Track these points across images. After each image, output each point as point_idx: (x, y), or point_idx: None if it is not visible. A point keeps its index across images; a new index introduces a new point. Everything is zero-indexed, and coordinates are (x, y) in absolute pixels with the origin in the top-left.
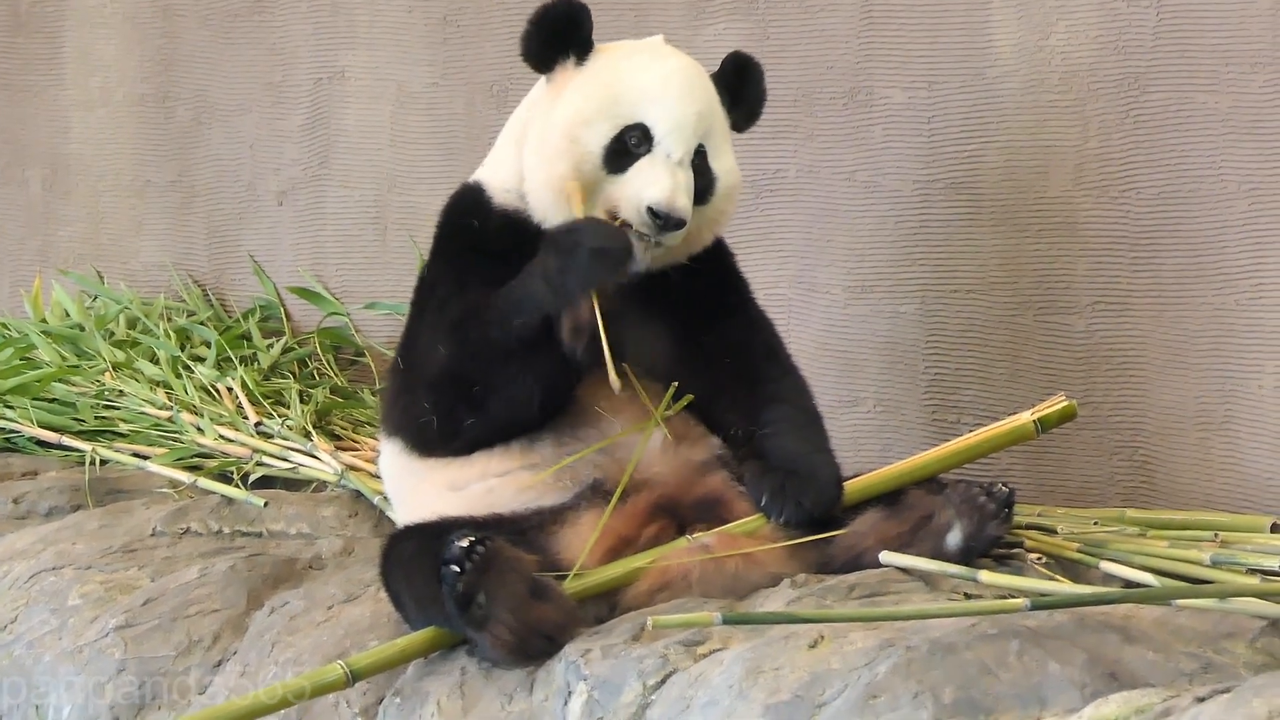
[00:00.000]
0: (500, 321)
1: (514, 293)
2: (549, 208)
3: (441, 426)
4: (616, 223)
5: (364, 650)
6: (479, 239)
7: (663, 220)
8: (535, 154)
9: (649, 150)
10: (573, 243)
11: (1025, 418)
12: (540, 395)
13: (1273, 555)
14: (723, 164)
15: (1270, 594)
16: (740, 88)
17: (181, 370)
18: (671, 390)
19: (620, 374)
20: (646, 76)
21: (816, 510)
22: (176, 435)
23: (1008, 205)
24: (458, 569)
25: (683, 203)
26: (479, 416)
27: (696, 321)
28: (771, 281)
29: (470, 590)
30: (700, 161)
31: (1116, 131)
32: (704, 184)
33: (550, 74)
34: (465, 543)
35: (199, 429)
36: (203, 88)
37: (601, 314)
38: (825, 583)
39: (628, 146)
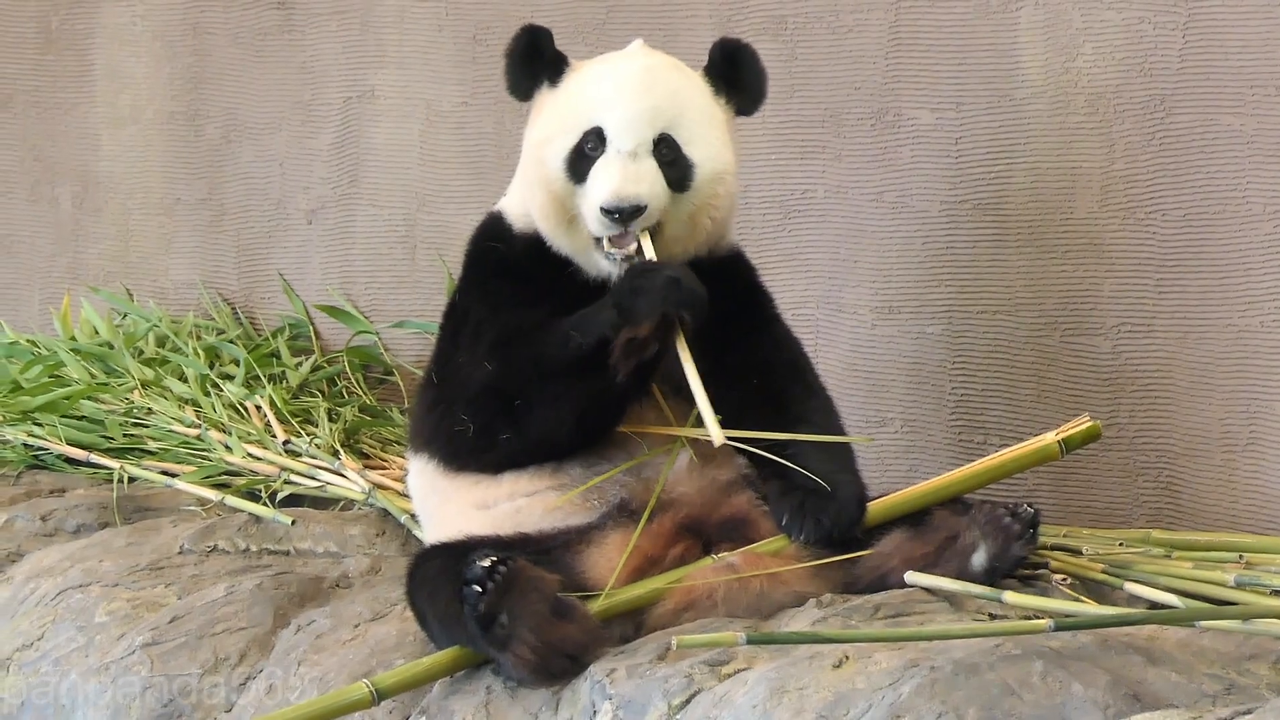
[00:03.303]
0: (560, 341)
1: (580, 318)
2: (550, 233)
3: (477, 440)
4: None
5: (390, 669)
6: (506, 263)
7: (617, 214)
8: (523, 183)
9: (603, 152)
10: (654, 269)
11: (1050, 438)
12: (574, 419)
13: None
14: (702, 150)
15: None
16: (734, 74)
17: (210, 388)
18: (696, 411)
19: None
20: (602, 82)
21: (837, 529)
22: (205, 453)
23: (1034, 226)
24: (479, 589)
25: (631, 190)
26: (514, 433)
27: (721, 340)
28: (799, 302)
29: (492, 610)
30: (670, 151)
31: (1142, 153)
32: (679, 172)
33: (531, 101)
34: (487, 563)
35: (227, 447)
36: (232, 106)
37: (689, 352)
38: (850, 603)
39: (585, 153)
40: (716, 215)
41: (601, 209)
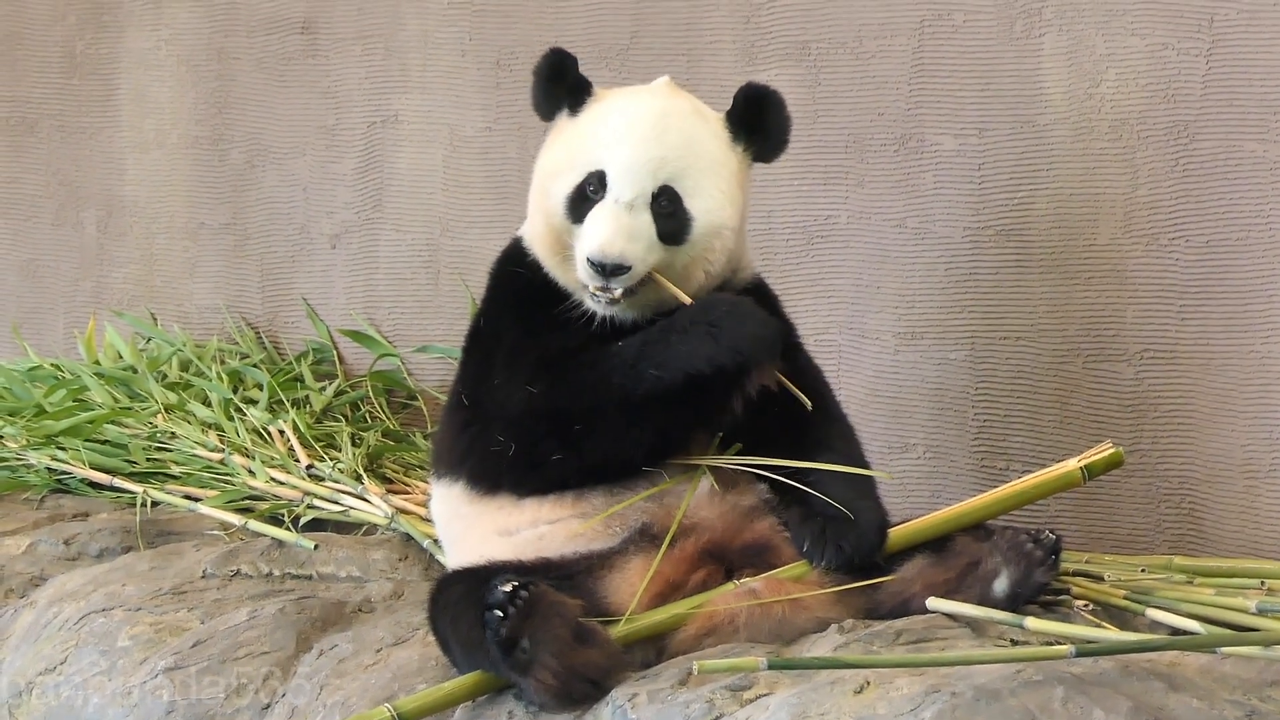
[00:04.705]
0: (626, 369)
1: (650, 344)
2: (545, 262)
3: (520, 460)
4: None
5: (412, 694)
6: (532, 288)
7: (600, 269)
8: (529, 209)
9: (603, 197)
10: (746, 309)
11: (1073, 465)
12: (652, 446)
13: None
14: (703, 204)
15: None
16: (756, 120)
17: (233, 413)
18: (719, 437)
19: None
20: (612, 122)
21: (858, 556)
22: (228, 477)
23: (1057, 252)
24: (501, 614)
25: (619, 248)
26: (569, 454)
27: None
28: (822, 327)
29: (514, 635)
30: (669, 204)
31: (1165, 179)
32: (675, 226)
33: (552, 123)
34: (508, 587)
35: (250, 471)
36: (256, 131)
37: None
38: (872, 628)
39: (587, 194)
40: (711, 269)
41: (588, 259)
